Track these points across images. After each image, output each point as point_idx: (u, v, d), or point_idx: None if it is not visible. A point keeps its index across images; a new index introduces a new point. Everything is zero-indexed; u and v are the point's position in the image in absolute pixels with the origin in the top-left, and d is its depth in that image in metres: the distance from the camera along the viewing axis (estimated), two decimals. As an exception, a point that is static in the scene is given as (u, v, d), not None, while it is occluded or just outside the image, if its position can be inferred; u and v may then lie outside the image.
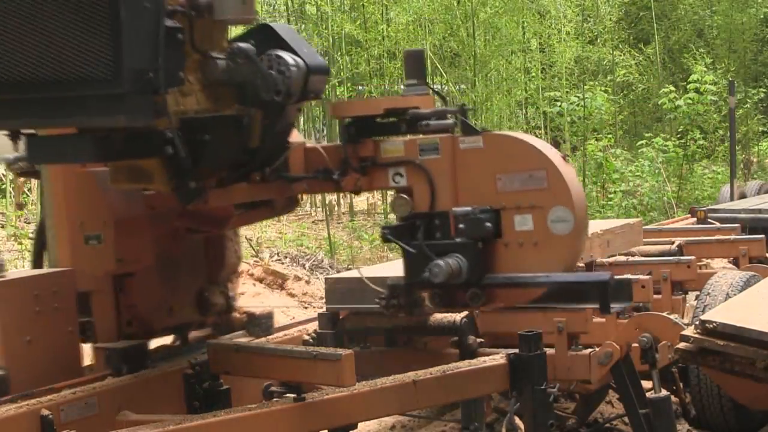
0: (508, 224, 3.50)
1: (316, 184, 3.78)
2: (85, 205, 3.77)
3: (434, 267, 3.45)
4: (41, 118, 3.18)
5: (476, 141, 3.55)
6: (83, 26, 3.00)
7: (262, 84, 3.39)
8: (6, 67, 3.11)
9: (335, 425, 3.44)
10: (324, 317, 4.30)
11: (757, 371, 3.54)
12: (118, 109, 3.02)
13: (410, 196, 3.62)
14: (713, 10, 21.86)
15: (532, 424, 3.43)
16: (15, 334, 3.59)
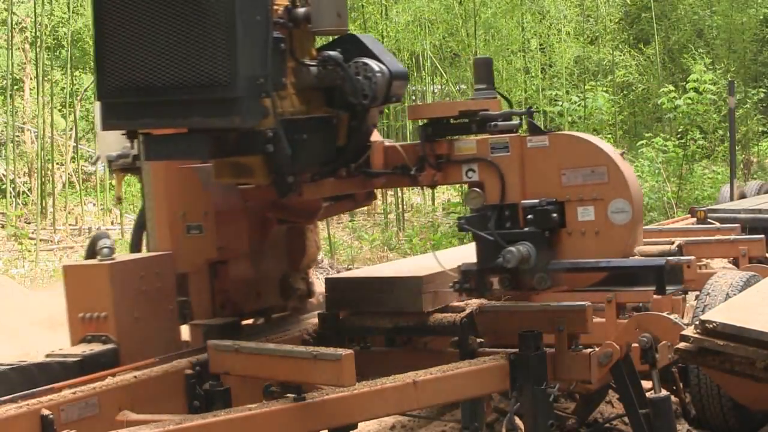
0: (571, 215, 3.87)
1: (395, 179, 4.16)
2: (187, 198, 4.18)
3: (507, 253, 3.79)
4: (162, 118, 3.60)
5: (542, 140, 3.92)
6: (204, 37, 3.42)
7: (350, 88, 3.80)
8: (133, 74, 3.53)
9: (335, 425, 3.45)
10: (324, 317, 4.30)
11: (757, 371, 3.54)
12: (233, 111, 3.44)
13: (482, 189, 3.97)
14: (713, 10, 21.84)
15: (532, 424, 3.43)
16: (124, 311, 3.95)
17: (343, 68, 3.80)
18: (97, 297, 3.93)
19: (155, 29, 3.50)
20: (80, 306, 3.98)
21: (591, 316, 3.88)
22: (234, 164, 3.78)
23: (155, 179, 4.26)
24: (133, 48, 3.53)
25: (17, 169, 21.47)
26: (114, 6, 3.59)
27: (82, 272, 4.04)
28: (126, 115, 3.65)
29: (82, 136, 23.84)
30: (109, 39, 3.61)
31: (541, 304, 3.98)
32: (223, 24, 3.40)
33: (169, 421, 3.24)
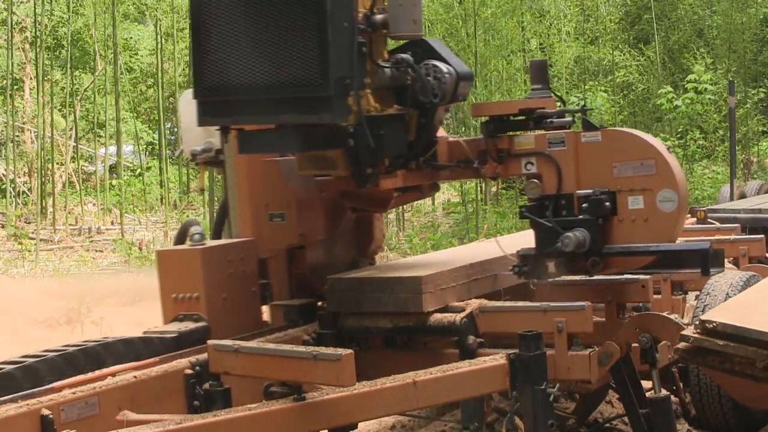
0: (622, 204, 4.18)
1: (459, 172, 4.49)
2: (270, 188, 4.52)
3: (565, 238, 4.09)
4: (256, 115, 3.97)
5: (595, 135, 4.26)
6: (297, 41, 3.78)
7: (420, 89, 4.13)
8: (229, 75, 3.89)
9: (335, 425, 3.45)
10: (324, 317, 4.30)
11: (757, 371, 3.53)
12: (324, 109, 3.81)
13: (540, 181, 4.27)
14: (713, 10, 21.85)
15: (532, 424, 3.43)
16: (214, 291, 4.29)
17: (415, 70, 4.13)
18: (189, 279, 4.27)
19: (251, 33, 3.85)
20: (173, 288, 4.31)
21: (591, 316, 3.88)
22: (317, 157, 4.18)
23: (239, 172, 4.61)
24: (229, 50, 3.90)
25: (17, 169, 21.47)
26: (211, 11, 3.93)
27: (175, 257, 4.41)
28: (221, 113, 4.03)
29: (82, 136, 23.83)
30: (206, 42, 3.96)
31: (541, 304, 3.98)
32: (315, 29, 3.76)
33: (169, 421, 3.24)
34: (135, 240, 16.14)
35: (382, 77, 4.10)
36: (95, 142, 22.72)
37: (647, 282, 4.63)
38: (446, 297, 4.19)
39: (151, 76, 25.78)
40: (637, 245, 4.17)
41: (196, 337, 4.15)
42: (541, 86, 4.48)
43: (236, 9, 3.88)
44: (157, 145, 23.41)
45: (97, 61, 22.16)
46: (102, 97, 22.43)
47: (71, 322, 9.30)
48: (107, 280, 13.28)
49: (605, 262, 4.21)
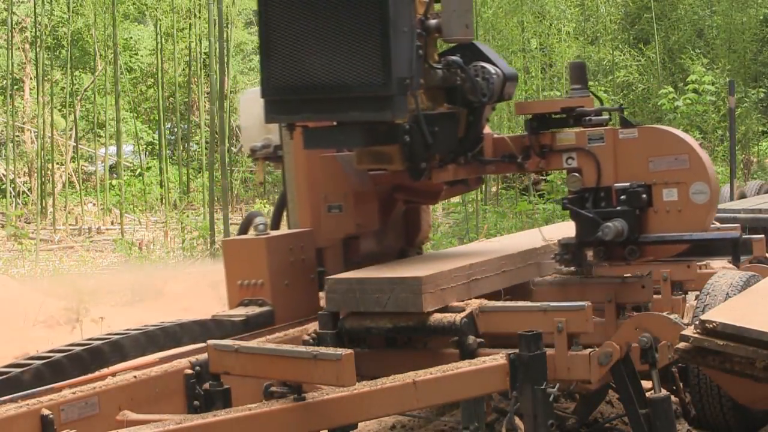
0: (658, 196, 4.49)
1: (504, 166, 4.80)
2: (329, 181, 4.77)
3: (606, 228, 4.39)
4: (322, 113, 4.25)
5: (632, 132, 4.54)
6: (362, 44, 4.05)
7: (470, 88, 4.43)
8: (296, 75, 4.16)
9: (335, 425, 3.45)
10: (324, 317, 4.30)
11: (757, 371, 3.53)
12: (386, 107, 4.08)
13: (580, 174, 4.56)
14: (713, 10, 21.85)
15: (532, 424, 3.43)
16: (278, 278, 4.55)
17: (465, 71, 4.42)
18: (254, 266, 4.52)
19: (318, 37, 4.12)
20: (238, 274, 4.56)
21: (591, 316, 3.88)
22: (375, 152, 4.47)
23: (298, 166, 4.88)
24: (297, 52, 4.15)
25: (17, 169, 21.47)
26: (279, 15, 4.18)
27: (240, 246, 4.67)
28: (287, 111, 4.29)
29: (82, 136, 23.83)
30: (274, 44, 4.21)
31: (541, 304, 3.98)
32: (379, 34, 4.03)
33: (169, 421, 3.24)
34: (135, 240, 16.13)
35: (434, 78, 4.38)
36: (95, 142, 22.72)
37: (647, 282, 4.64)
38: (446, 297, 4.19)
39: (151, 76, 25.78)
40: (671, 234, 4.46)
41: (262, 321, 4.42)
42: (580, 86, 4.75)
43: (304, 13, 4.13)
44: (157, 145, 23.42)
45: (97, 61, 22.16)
46: (102, 97, 22.43)
47: (71, 322, 9.29)
48: (108, 279, 13.28)
49: (641, 251, 4.51)
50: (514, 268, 4.65)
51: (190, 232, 15.64)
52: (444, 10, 4.32)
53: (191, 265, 12.78)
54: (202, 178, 21.28)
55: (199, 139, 23.66)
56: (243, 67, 27.79)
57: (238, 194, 23.17)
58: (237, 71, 26.11)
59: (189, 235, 15.54)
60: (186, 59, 24.30)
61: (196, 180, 22.87)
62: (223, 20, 16.42)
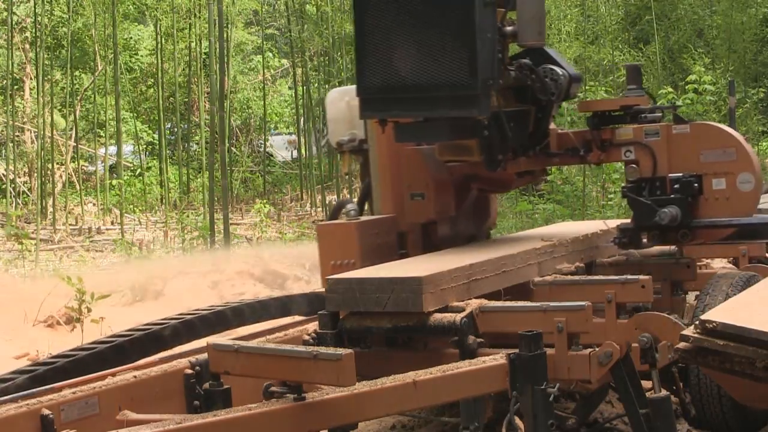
0: (708, 185, 5.00)
1: (568, 159, 5.32)
2: (412, 172, 5.23)
3: (662, 213, 4.93)
4: (413, 110, 4.71)
5: (685, 128, 5.05)
6: (452, 48, 4.50)
7: (540, 88, 4.90)
8: (390, 75, 4.61)
9: (335, 425, 3.45)
10: (324, 317, 4.30)
11: (757, 371, 3.53)
12: (473, 105, 4.53)
13: (638, 166, 5.07)
14: (713, 10, 21.85)
15: (532, 424, 3.43)
16: (366, 259, 4.93)
17: (536, 73, 4.88)
18: (346, 248, 4.96)
19: (411, 40, 4.57)
20: (331, 255, 5.00)
21: (591, 316, 3.88)
22: (456, 146, 4.99)
23: (382, 158, 5.32)
24: (391, 54, 4.61)
25: (17, 169, 21.46)
26: (374, 19, 4.64)
27: (334, 229, 5.11)
28: (381, 108, 4.75)
29: (82, 136, 23.82)
30: (369, 46, 4.67)
31: (541, 304, 3.98)
32: (466, 39, 4.48)
33: (169, 421, 3.24)
34: (135, 240, 16.13)
35: (508, 79, 4.83)
36: (95, 142, 22.71)
37: (647, 282, 4.64)
38: (446, 297, 4.19)
39: (151, 76, 25.77)
40: (720, 219, 4.98)
41: None
42: (636, 86, 5.26)
43: (397, 19, 4.59)
44: (157, 145, 23.41)
45: (97, 61, 22.16)
46: (102, 97, 22.43)
47: (71, 322, 9.29)
48: (109, 278, 13.28)
49: (693, 234, 5.03)
50: (513, 268, 4.66)
51: (190, 232, 15.64)
52: (519, 18, 4.77)
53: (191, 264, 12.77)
54: (202, 178, 21.28)
55: (199, 139, 23.66)
56: (243, 67, 27.77)
57: (238, 194, 23.17)
58: (237, 71, 26.10)
59: (189, 235, 15.53)
60: (186, 59, 24.30)
61: (196, 180, 22.86)
62: (223, 20, 16.43)
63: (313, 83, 22.32)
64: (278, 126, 28.34)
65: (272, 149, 27.50)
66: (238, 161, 24.41)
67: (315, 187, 21.67)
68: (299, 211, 21.80)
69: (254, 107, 26.59)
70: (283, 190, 24.47)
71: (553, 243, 5.05)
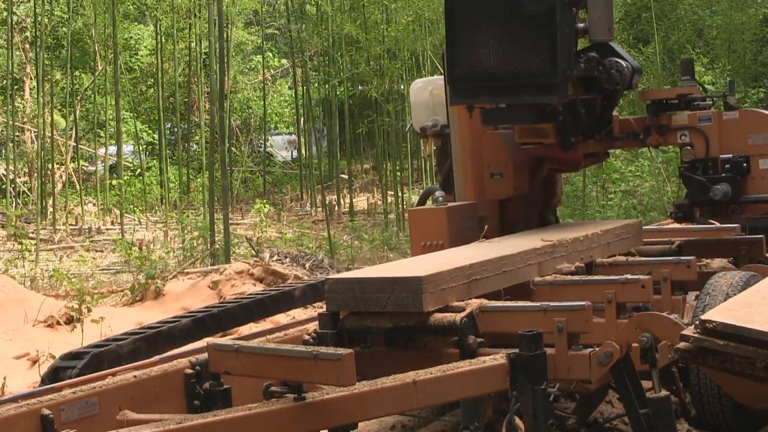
0: (755, 165, 5.63)
1: (629, 142, 5.92)
2: (492, 152, 5.74)
3: (715, 189, 5.61)
4: (499, 97, 5.25)
5: (734, 114, 5.71)
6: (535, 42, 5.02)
7: (606, 79, 5.40)
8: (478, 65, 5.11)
9: (335, 425, 3.44)
10: (324, 317, 4.29)
11: (757, 371, 3.53)
12: (553, 92, 5.07)
13: (692, 148, 5.71)
14: (713, 10, 21.83)
15: (532, 424, 3.43)
16: (455, 239, 5.38)
17: (603, 65, 5.37)
18: (437, 231, 5.40)
19: (498, 34, 5.07)
20: (422, 237, 5.44)
21: (591, 316, 3.88)
22: (533, 129, 5.54)
23: (463, 141, 5.81)
24: (479, 47, 5.10)
25: (17, 169, 21.47)
26: (464, 14, 5.13)
27: (425, 214, 5.59)
28: (470, 95, 5.26)
29: (82, 136, 23.83)
30: (459, 39, 5.15)
31: (541, 304, 3.97)
32: (548, 34, 5.00)
33: (169, 421, 3.24)
34: (135, 240, 16.13)
35: (579, 70, 5.25)
36: (95, 142, 22.72)
37: (647, 282, 4.64)
38: (446, 297, 4.19)
39: (151, 76, 25.78)
40: (766, 195, 5.59)
41: None
42: (689, 77, 5.95)
43: (486, 13, 5.08)
44: (157, 145, 23.42)
45: (97, 61, 22.16)
46: (102, 97, 22.43)
47: (71, 322, 9.29)
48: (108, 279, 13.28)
49: (742, 208, 5.68)
50: (514, 268, 4.66)
51: (190, 232, 15.64)
52: (590, 16, 5.26)
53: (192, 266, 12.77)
54: (202, 178, 21.28)
55: (199, 139, 23.67)
56: (243, 67, 27.79)
57: (238, 194, 23.17)
58: (237, 71, 26.11)
59: (189, 235, 15.53)
60: (186, 59, 24.30)
61: (196, 180, 22.86)
62: (223, 20, 16.42)
63: (313, 83, 22.33)
64: (278, 126, 28.37)
65: (272, 149, 27.51)
66: (238, 161, 24.41)
67: (315, 187, 21.68)
68: (299, 211, 21.81)
69: (254, 107, 26.60)
70: (283, 190, 24.49)
71: (553, 243, 5.05)
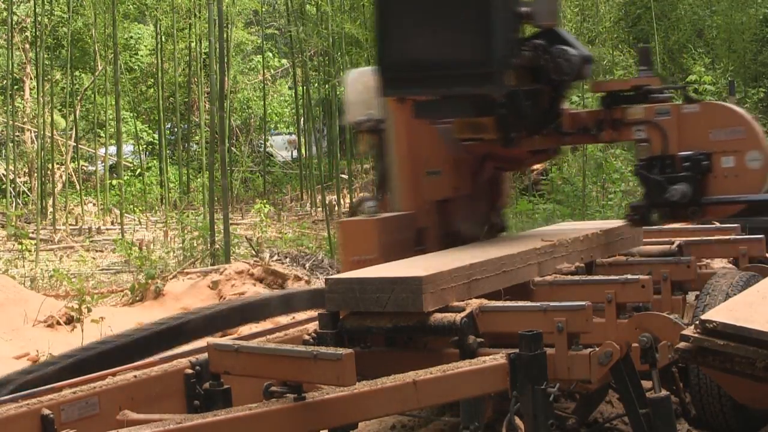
0: (717, 163, 5.02)
1: (580, 137, 5.41)
2: (429, 149, 5.27)
3: (673, 190, 4.98)
4: (431, 87, 4.86)
5: (694, 107, 5.09)
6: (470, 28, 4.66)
7: (553, 68, 4.91)
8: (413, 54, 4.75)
9: (335, 425, 3.45)
10: (324, 317, 4.29)
11: (757, 371, 3.53)
12: (489, 82, 4.69)
13: (649, 144, 5.11)
14: (713, 10, 21.84)
15: (532, 424, 3.43)
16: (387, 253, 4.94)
17: (549, 53, 4.90)
18: (367, 244, 5.00)
19: (430, 19, 4.71)
20: (353, 251, 5.04)
21: (591, 316, 3.88)
22: (472, 123, 5.09)
23: (399, 137, 5.35)
24: (410, 33, 4.75)
25: (17, 169, 21.46)
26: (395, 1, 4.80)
27: (353, 226, 5.16)
28: (401, 85, 4.89)
29: (82, 136, 23.83)
30: (389, 25, 4.82)
31: (541, 304, 3.97)
32: (484, 18, 4.64)
33: (169, 421, 3.24)
34: (135, 240, 16.13)
35: (522, 58, 4.86)
36: (95, 142, 22.72)
37: (647, 282, 4.64)
38: (446, 297, 4.19)
39: (151, 76, 25.78)
40: (729, 196, 5.01)
41: None
42: (647, 68, 5.36)
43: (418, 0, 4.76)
44: (157, 145, 23.42)
45: (97, 61, 22.16)
46: (102, 97, 22.43)
47: (71, 322, 9.29)
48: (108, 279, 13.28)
49: (703, 210, 5.07)
50: (514, 268, 4.66)
51: (190, 232, 15.64)
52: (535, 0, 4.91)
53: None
54: (202, 178, 21.27)
55: (199, 139, 23.66)
56: (243, 67, 27.78)
57: (238, 194, 23.17)
58: (237, 71, 26.11)
59: (189, 235, 15.53)
60: (186, 59, 24.30)
61: (196, 180, 22.86)
62: (223, 20, 16.42)
63: (313, 83, 22.32)
64: (278, 126, 28.36)
65: (272, 149, 27.51)
66: (238, 161, 24.40)
67: (315, 187, 21.67)
68: (299, 211, 21.81)
69: (254, 107, 26.60)
70: (283, 190, 24.48)
71: (553, 243, 5.05)
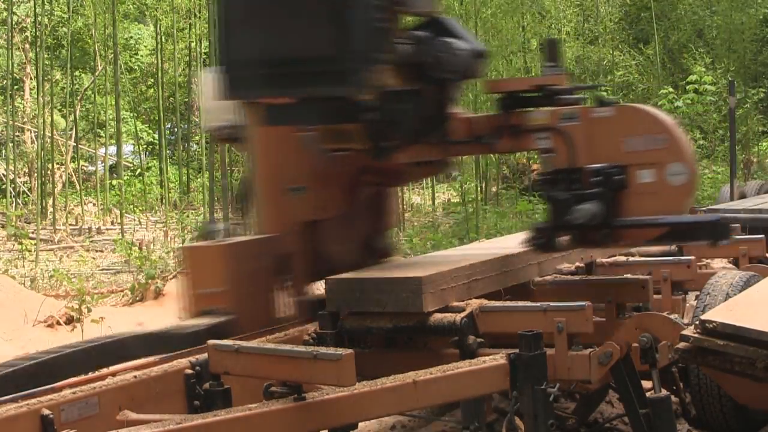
0: (633, 177, 4.23)
1: (472, 147, 4.68)
2: (291, 162, 4.55)
3: (576, 211, 4.15)
4: (283, 88, 4.03)
5: (607, 111, 4.29)
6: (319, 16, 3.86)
7: (435, 64, 4.15)
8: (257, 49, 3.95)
9: (335, 425, 3.44)
10: (324, 317, 4.29)
11: (757, 371, 3.53)
12: (344, 82, 3.88)
13: (554, 154, 4.34)
14: (713, 10, 21.85)
15: (532, 424, 3.43)
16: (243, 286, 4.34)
17: (430, 46, 4.15)
18: (214, 275, 4.34)
19: (275, 8, 3.95)
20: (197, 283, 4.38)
21: (591, 316, 3.88)
22: (337, 131, 4.29)
23: (262, 146, 4.68)
24: (253, 25, 3.96)
25: (17, 169, 21.47)
26: None
27: (197, 253, 4.49)
28: (247, 87, 4.07)
29: (82, 136, 23.83)
30: (231, 15, 4.03)
31: (541, 304, 3.98)
32: (337, 6, 3.83)
33: (169, 421, 3.24)
34: (135, 240, 16.13)
35: (399, 53, 4.11)
36: (95, 142, 22.72)
37: (647, 282, 4.64)
38: (446, 297, 4.19)
39: (151, 76, 25.78)
40: (647, 218, 4.24)
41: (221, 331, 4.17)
42: (554, 64, 4.55)
43: None
44: (157, 145, 23.42)
45: (97, 61, 22.16)
46: (102, 97, 22.43)
47: (71, 322, 9.30)
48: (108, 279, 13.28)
49: (615, 235, 4.28)
50: (514, 268, 4.66)
51: (190, 232, 15.64)
52: None
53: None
54: (202, 178, 21.28)
55: (199, 139, 23.66)
56: (243, 67, 27.76)
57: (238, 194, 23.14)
58: (237, 71, 26.08)
59: (189, 235, 15.53)
60: (186, 59, 24.30)
61: (196, 180, 22.86)
62: (223, 20, 16.40)
63: (313, 83, 22.28)
64: (278, 126, 28.34)
65: (272, 149, 27.49)
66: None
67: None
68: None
69: (254, 107, 26.58)
70: (283, 190, 24.45)
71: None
